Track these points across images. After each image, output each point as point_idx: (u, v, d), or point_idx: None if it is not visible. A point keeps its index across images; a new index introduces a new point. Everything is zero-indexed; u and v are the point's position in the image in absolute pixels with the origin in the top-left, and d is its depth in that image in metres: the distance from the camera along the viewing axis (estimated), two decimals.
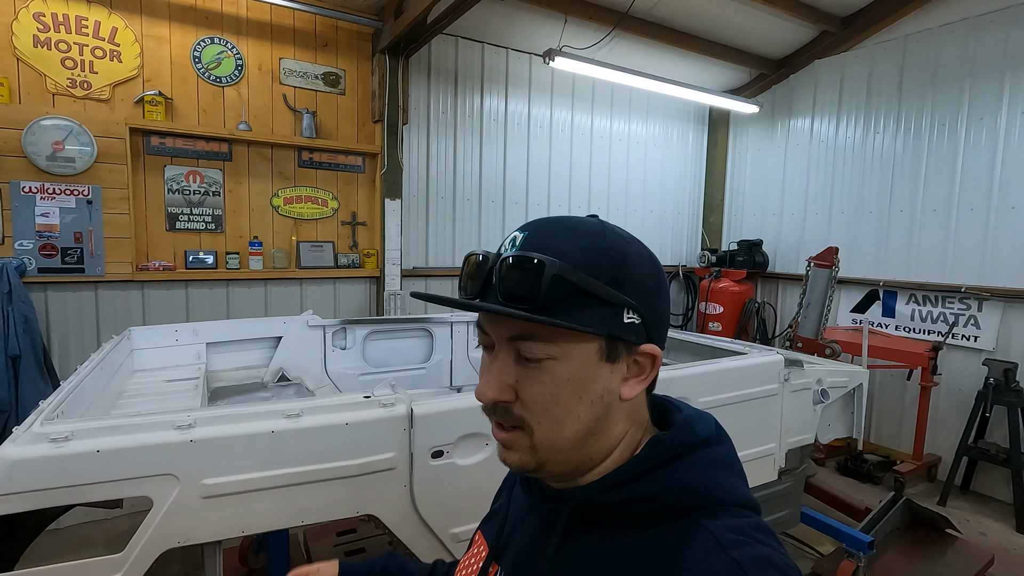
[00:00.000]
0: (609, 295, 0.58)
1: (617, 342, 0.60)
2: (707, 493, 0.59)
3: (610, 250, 0.61)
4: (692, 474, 0.60)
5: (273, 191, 3.90)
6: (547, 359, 0.59)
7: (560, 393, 0.59)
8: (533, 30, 4.57)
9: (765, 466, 2.25)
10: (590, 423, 0.60)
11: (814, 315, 3.78)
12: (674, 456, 0.61)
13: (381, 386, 1.49)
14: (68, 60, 3.24)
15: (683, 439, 0.62)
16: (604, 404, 0.61)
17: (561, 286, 0.57)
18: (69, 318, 3.33)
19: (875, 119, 4.84)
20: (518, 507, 0.74)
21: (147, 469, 1.24)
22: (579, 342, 0.59)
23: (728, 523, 0.56)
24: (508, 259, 0.59)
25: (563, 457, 0.61)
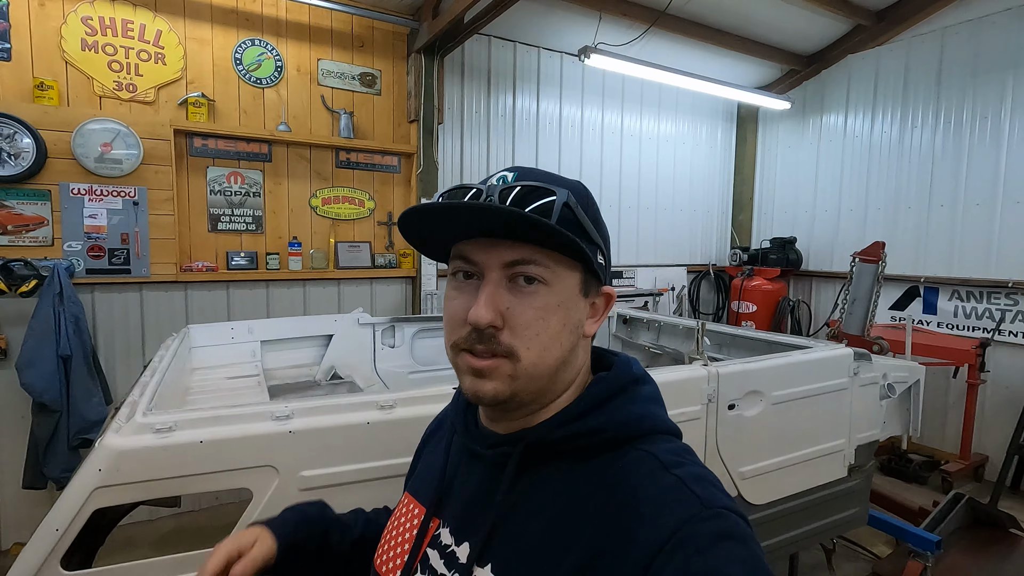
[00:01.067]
0: (594, 234, 0.64)
1: (592, 278, 0.66)
2: (644, 423, 0.65)
3: (589, 197, 0.67)
4: (631, 407, 0.66)
5: (311, 191, 3.91)
6: (540, 283, 0.61)
7: (550, 318, 0.62)
8: (565, 28, 4.56)
9: (835, 463, 2.20)
10: (567, 352, 0.64)
11: (860, 311, 3.71)
12: (616, 392, 0.66)
13: None
14: (115, 63, 3.27)
15: (623, 377, 0.68)
16: (577, 335, 0.65)
17: (566, 216, 0.61)
18: (115, 318, 3.34)
19: (912, 113, 4.76)
20: (456, 459, 0.75)
21: (248, 460, 1.22)
22: (569, 271, 0.63)
23: (664, 447, 0.63)
24: (516, 187, 0.61)
25: (537, 386, 0.64)
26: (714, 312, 6.12)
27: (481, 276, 0.62)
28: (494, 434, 0.69)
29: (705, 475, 0.60)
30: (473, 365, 0.62)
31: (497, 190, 0.62)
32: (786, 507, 2.06)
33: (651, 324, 3.36)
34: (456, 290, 0.65)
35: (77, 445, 3.01)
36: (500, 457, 0.67)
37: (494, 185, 0.63)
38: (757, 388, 1.92)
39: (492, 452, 0.68)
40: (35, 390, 2.87)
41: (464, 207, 0.60)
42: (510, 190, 0.61)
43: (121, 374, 3.36)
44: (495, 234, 0.61)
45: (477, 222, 0.61)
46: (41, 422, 2.94)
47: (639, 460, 0.61)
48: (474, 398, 0.64)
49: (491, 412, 0.70)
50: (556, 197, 0.60)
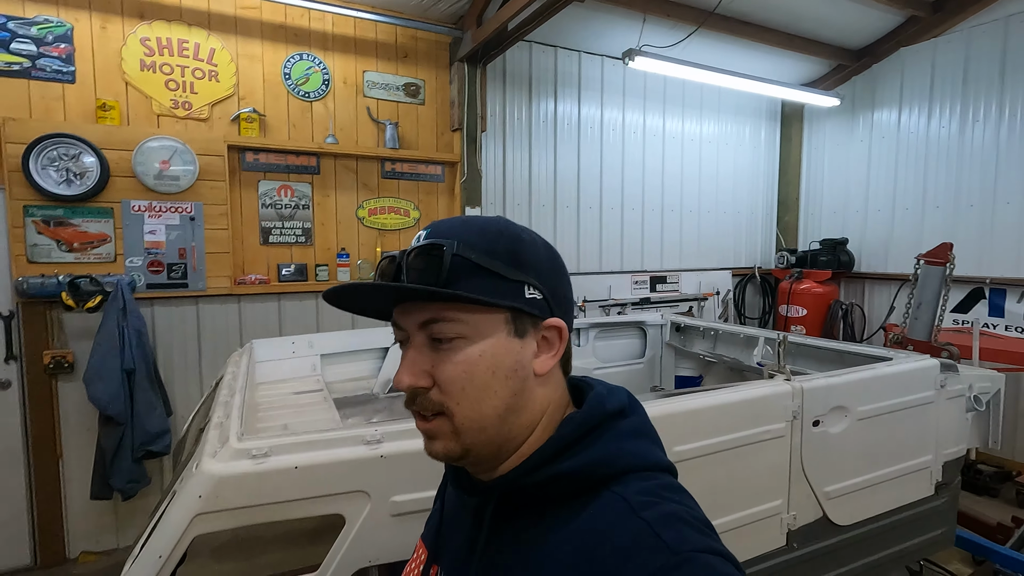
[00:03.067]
0: (508, 271, 0.61)
1: (522, 316, 0.63)
2: (618, 462, 0.61)
3: (504, 233, 0.64)
4: (604, 446, 0.61)
5: (358, 202, 3.94)
6: (458, 338, 0.60)
7: (474, 370, 0.60)
8: (607, 32, 4.50)
9: (921, 480, 2.08)
10: (508, 399, 0.62)
11: (926, 316, 3.53)
12: (587, 432, 0.62)
13: None
14: (171, 82, 3.35)
15: (594, 414, 0.64)
16: (519, 379, 0.62)
17: (461, 265, 0.60)
18: (172, 332, 3.41)
19: (974, 107, 4.55)
20: (451, 507, 0.75)
21: (341, 486, 1.20)
22: (486, 316, 0.61)
23: (637, 487, 0.58)
24: (412, 250, 0.62)
25: (486, 437, 0.62)
26: (760, 316, 5.96)
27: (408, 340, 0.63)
28: (476, 483, 0.68)
29: (676, 513, 0.55)
30: (420, 427, 0.64)
31: (406, 254, 0.62)
32: (872, 528, 1.96)
33: (707, 332, 3.27)
34: (400, 356, 0.66)
35: (141, 456, 3.08)
36: (480, 507, 0.66)
37: (406, 249, 0.63)
38: (842, 403, 1.83)
39: (473, 501, 0.67)
40: (101, 403, 2.95)
41: (360, 288, 0.62)
42: (412, 251, 0.62)
43: (179, 386, 3.43)
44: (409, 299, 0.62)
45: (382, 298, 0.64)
46: (107, 434, 3.02)
47: (608, 505, 0.58)
48: (432, 457, 0.65)
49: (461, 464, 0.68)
50: (444, 250, 0.59)
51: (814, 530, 1.81)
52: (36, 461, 3.13)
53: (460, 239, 0.61)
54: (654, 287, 5.18)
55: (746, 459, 1.65)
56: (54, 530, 3.19)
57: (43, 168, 2.98)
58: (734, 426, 1.62)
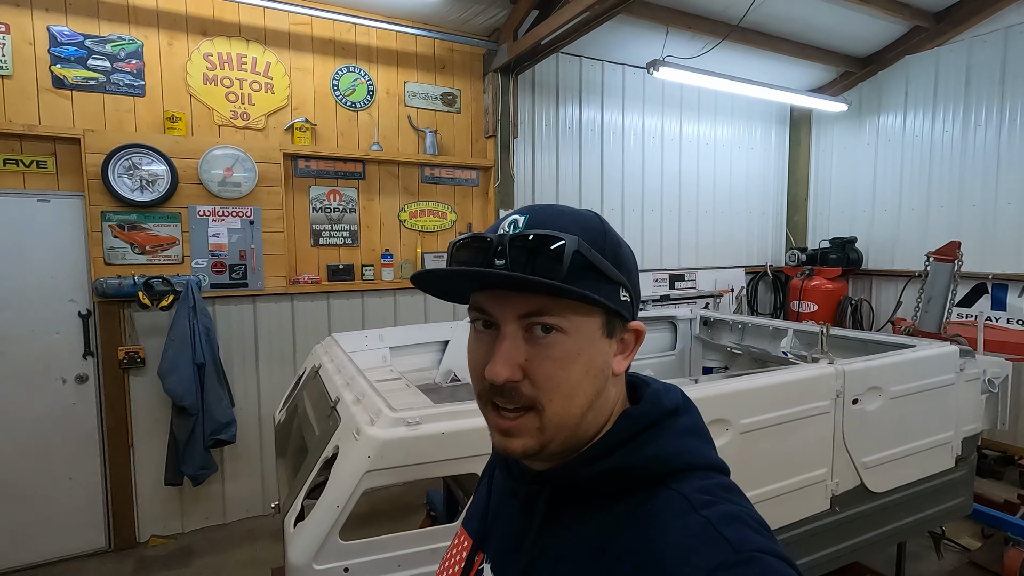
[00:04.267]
0: (613, 273, 0.61)
1: (615, 318, 0.63)
2: (677, 459, 0.61)
3: (608, 234, 0.64)
4: (662, 443, 0.62)
5: (400, 206, 4.16)
6: (558, 333, 0.59)
7: (571, 368, 0.59)
8: (630, 42, 4.74)
9: (943, 454, 2.33)
10: (592, 397, 0.61)
11: (936, 310, 3.79)
12: (644, 428, 0.63)
13: None
14: (231, 94, 3.56)
15: (651, 411, 0.64)
16: (604, 379, 0.62)
17: (578, 262, 0.59)
18: (232, 328, 3.63)
19: (975, 112, 4.81)
20: (498, 495, 0.74)
21: (478, 449, 1.43)
22: (586, 317, 0.60)
23: (697, 485, 0.58)
24: (527, 236, 0.59)
25: (565, 436, 0.61)
26: (771, 312, 6.21)
27: (499, 326, 0.60)
28: (529, 471, 0.67)
29: (737, 513, 0.55)
30: (499, 424, 0.61)
31: (507, 238, 0.60)
32: (901, 495, 2.20)
33: (735, 325, 3.51)
34: (476, 340, 0.63)
35: (211, 445, 3.30)
36: (531, 496, 0.66)
37: (504, 233, 0.61)
38: (877, 384, 2.07)
39: (525, 490, 0.67)
40: (177, 395, 3.17)
41: (467, 275, 0.60)
42: (520, 239, 0.59)
43: (238, 379, 3.65)
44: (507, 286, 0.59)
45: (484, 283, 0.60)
46: (180, 424, 3.23)
47: (668, 501, 0.58)
48: (502, 454, 0.63)
49: None
50: (566, 245, 0.58)
51: (853, 496, 2.06)
52: (110, 450, 3.34)
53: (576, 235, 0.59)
54: (673, 285, 5.43)
55: (797, 432, 1.89)
56: (126, 515, 3.40)
57: (119, 176, 3.19)
58: (788, 402, 1.86)
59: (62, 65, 3.15)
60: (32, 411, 3.19)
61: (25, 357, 3.16)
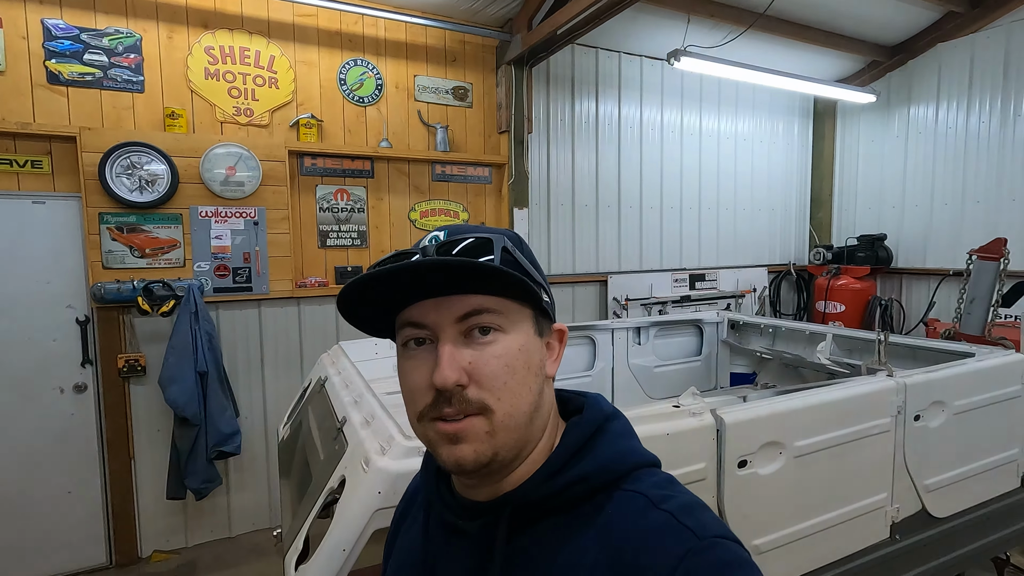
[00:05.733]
0: (534, 274, 0.63)
1: (542, 317, 0.64)
2: (626, 461, 0.63)
3: (522, 240, 0.66)
4: (610, 447, 0.64)
5: (410, 205, 3.99)
6: (498, 331, 0.59)
7: (515, 364, 0.59)
8: (648, 32, 4.53)
9: (1008, 474, 2.12)
10: (536, 396, 0.62)
11: (979, 311, 3.56)
12: (591, 434, 0.64)
13: (686, 394, 1.48)
14: (234, 90, 3.41)
15: (596, 418, 0.66)
16: (542, 378, 0.63)
17: (507, 260, 0.60)
18: (236, 334, 3.48)
19: (1015, 102, 4.56)
20: (436, 541, 0.69)
21: None
22: (521, 314, 0.61)
23: (650, 482, 0.61)
24: (453, 240, 0.60)
25: (515, 438, 0.60)
26: (795, 313, 5.98)
27: (435, 339, 0.59)
28: (475, 504, 0.64)
29: (693, 502, 0.59)
30: (446, 430, 0.58)
31: (432, 249, 0.59)
32: (965, 520, 2.00)
33: (765, 329, 3.30)
34: (410, 360, 0.61)
35: (214, 457, 3.15)
36: (486, 529, 0.63)
37: (428, 246, 0.60)
38: (940, 398, 1.87)
39: (476, 524, 0.63)
40: (178, 405, 3.02)
41: (410, 266, 0.56)
42: (447, 244, 0.59)
43: (243, 387, 3.50)
44: (440, 291, 0.58)
45: (421, 281, 0.58)
46: (182, 435, 3.08)
47: (627, 502, 0.59)
48: (456, 467, 0.59)
49: (468, 478, 0.64)
50: (494, 242, 0.59)
51: (915, 522, 1.86)
52: (111, 462, 3.21)
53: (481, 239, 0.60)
54: (693, 285, 5.22)
55: (855, 453, 1.69)
56: (128, 530, 3.27)
57: (117, 176, 3.05)
58: (846, 421, 1.66)
59: (57, 60, 3.01)
60: (29, 422, 3.05)
61: (21, 366, 3.03)
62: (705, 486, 1.44)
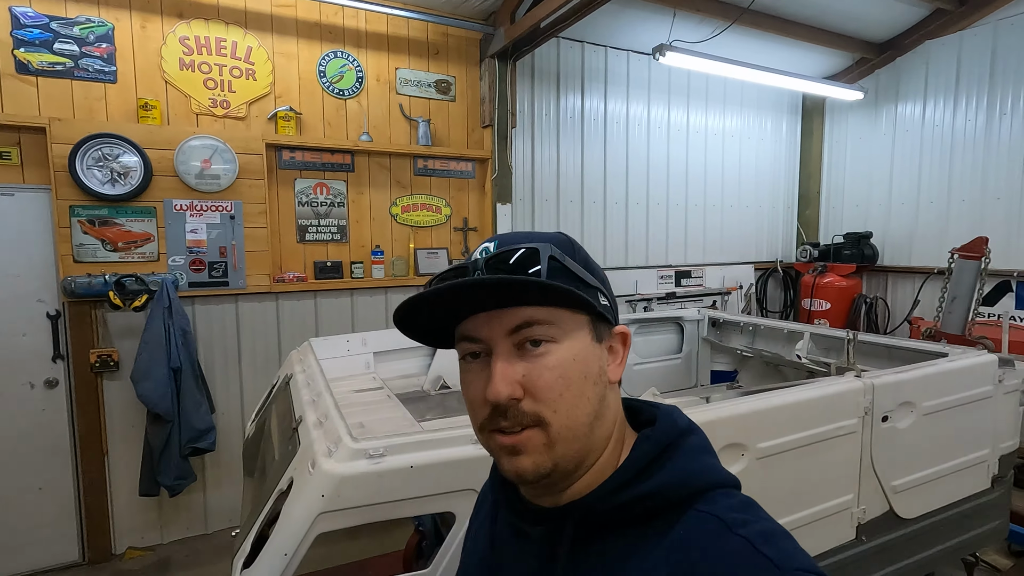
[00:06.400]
0: (587, 277, 0.62)
1: (600, 322, 0.63)
2: (700, 479, 0.59)
3: (576, 245, 0.65)
4: (686, 463, 0.60)
5: (391, 200, 3.95)
6: (550, 342, 0.58)
7: (570, 374, 0.59)
8: (634, 27, 4.49)
9: (979, 474, 2.11)
10: (596, 405, 0.60)
11: (960, 310, 3.56)
12: (664, 448, 0.61)
13: (644, 396, 1.45)
14: (210, 81, 3.35)
15: (670, 431, 0.63)
16: (603, 384, 0.62)
17: (555, 267, 0.59)
18: (213, 330, 3.44)
19: (1001, 100, 4.55)
20: (504, 539, 0.70)
21: (452, 484, 1.22)
22: (574, 323, 0.60)
23: (726, 504, 0.57)
24: (504, 253, 0.60)
25: (576, 449, 0.60)
26: (781, 310, 5.98)
27: (489, 352, 0.59)
28: (541, 509, 0.64)
29: (775, 530, 0.55)
30: (504, 443, 0.59)
31: (482, 262, 0.60)
32: (933, 521, 1.99)
33: (745, 327, 3.29)
34: (468, 374, 0.62)
35: (188, 454, 3.11)
36: (550, 536, 0.62)
37: (478, 259, 0.61)
38: (909, 399, 1.86)
39: (541, 530, 0.63)
40: (151, 401, 2.98)
41: (448, 289, 0.57)
42: (495, 257, 0.60)
43: (220, 384, 3.46)
44: (491, 305, 0.59)
45: (468, 300, 0.58)
46: (155, 432, 3.05)
47: (700, 523, 0.56)
48: (516, 478, 0.60)
49: (530, 488, 0.65)
50: (539, 251, 0.59)
51: (881, 524, 1.85)
52: (83, 458, 3.16)
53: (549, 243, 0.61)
54: (679, 282, 5.20)
55: (821, 455, 1.68)
56: (101, 526, 3.23)
57: (88, 168, 2.99)
58: (811, 422, 1.64)
59: (26, 49, 2.94)
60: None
61: None
62: None
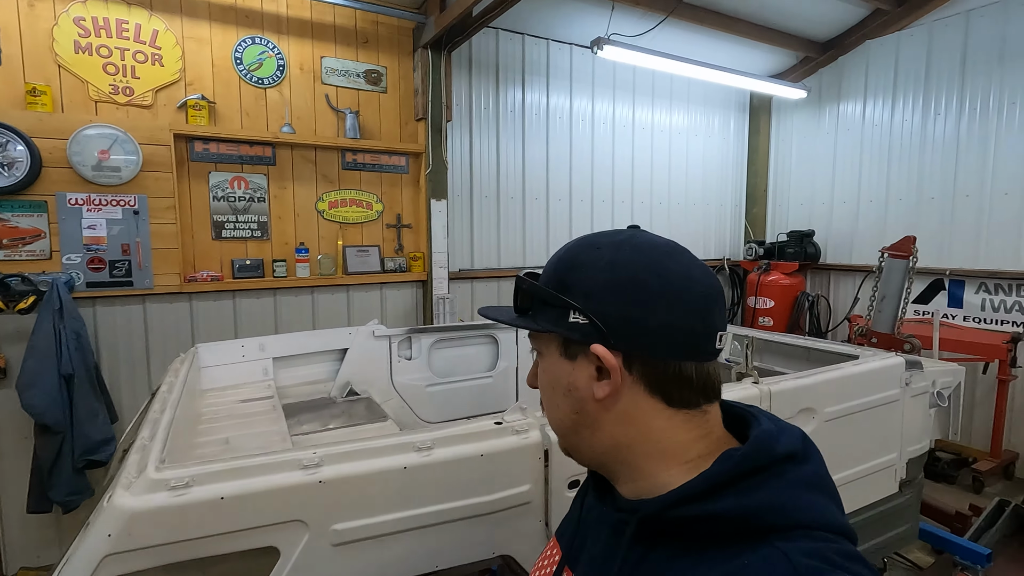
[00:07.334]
0: (552, 298, 0.66)
1: (570, 342, 0.65)
2: (785, 514, 0.54)
3: (563, 259, 0.68)
4: (770, 493, 0.55)
5: (318, 195, 3.77)
6: (540, 355, 0.70)
7: (545, 382, 0.70)
8: (576, 19, 4.39)
9: (887, 478, 2.08)
10: (570, 414, 0.66)
11: (889, 309, 3.58)
12: (747, 472, 0.56)
13: (511, 409, 1.34)
14: (110, 66, 3.12)
15: (758, 455, 0.57)
16: (575, 399, 0.65)
17: (526, 295, 0.69)
18: (118, 333, 3.22)
19: (935, 100, 4.60)
20: (591, 514, 0.74)
21: (274, 516, 1.09)
22: (547, 340, 0.68)
23: (807, 547, 0.51)
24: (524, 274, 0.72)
25: (571, 444, 0.70)
26: (729, 308, 5.99)
27: None
28: (617, 495, 0.68)
29: None
30: None
31: None
32: None
33: None
34: None
35: (83, 467, 2.89)
36: (620, 524, 0.64)
37: None
38: (810, 405, 1.79)
39: (614, 516, 0.66)
40: (36, 411, 2.75)
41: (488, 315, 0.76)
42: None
43: (126, 390, 3.24)
44: None
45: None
46: (44, 444, 2.82)
47: (766, 560, 0.51)
48: None
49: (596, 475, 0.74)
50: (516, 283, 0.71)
51: None
52: None
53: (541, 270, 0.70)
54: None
55: None
56: None
57: None
58: None
59: None
60: None
61: None
62: (531, 510, 1.31)
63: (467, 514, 1.23)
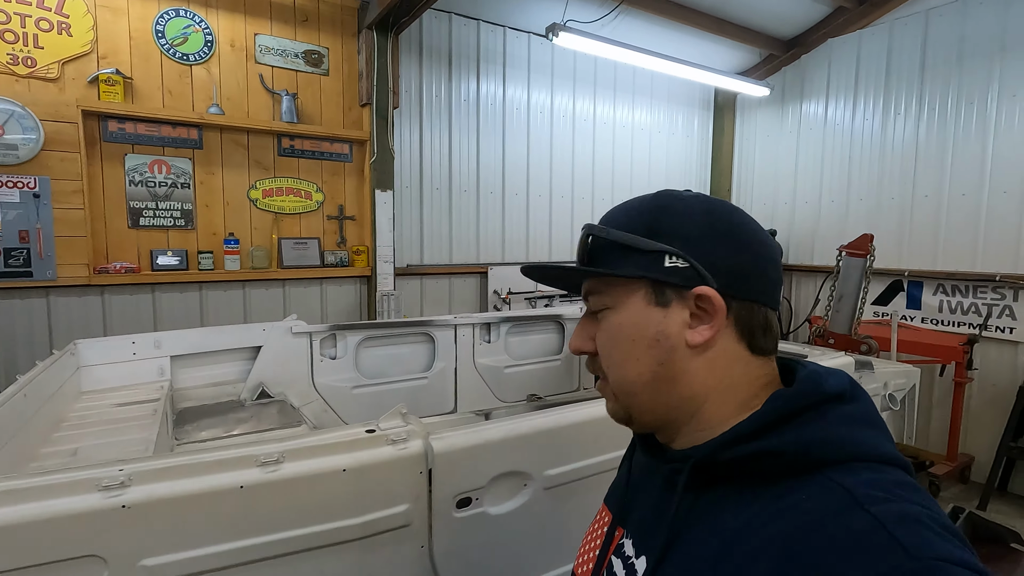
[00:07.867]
0: (643, 244, 0.64)
1: (663, 286, 0.63)
2: (840, 448, 0.55)
3: (650, 206, 0.67)
4: (822, 429, 0.56)
5: (250, 183, 3.51)
6: (605, 309, 0.67)
7: (617, 338, 0.65)
8: (532, 5, 4.22)
9: None
10: (653, 367, 0.63)
11: (847, 309, 3.48)
12: (798, 410, 0.57)
13: (389, 415, 1.13)
14: (8, 33, 2.82)
15: (808, 393, 0.58)
16: (663, 348, 0.63)
17: (598, 244, 0.67)
18: (16, 329, 2.91)
19: (895, 100, 4.56)
20: (640, 472, 0.75)
21: (60, 552, 0.86)
22: (627, 290, 0.65)
23: (866, 478, 0.52)
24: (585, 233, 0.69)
25: (640, 403, 0.65)
26: None
27: None
28: (668, 449, 0.68)
29: (916, 514, 0.47)
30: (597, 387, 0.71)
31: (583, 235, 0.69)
32: None
33: None
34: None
35: None
36: (672, 474, 0.64)
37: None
38: None
39: (667, 468, 0.66)
40: None
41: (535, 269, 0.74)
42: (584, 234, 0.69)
43: None
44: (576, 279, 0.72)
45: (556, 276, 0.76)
46: None
47: (825, 493, 0.51)
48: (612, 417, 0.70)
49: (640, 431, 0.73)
50: (583, 233, 0.68)
51: None
52: None
53: (605, 220, 0.69)
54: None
55: None
56: None
57: None
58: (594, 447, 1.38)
59: None
60: None
61: None
62: (410, 534, 1.10)
63: (326, 541, 1.02)
